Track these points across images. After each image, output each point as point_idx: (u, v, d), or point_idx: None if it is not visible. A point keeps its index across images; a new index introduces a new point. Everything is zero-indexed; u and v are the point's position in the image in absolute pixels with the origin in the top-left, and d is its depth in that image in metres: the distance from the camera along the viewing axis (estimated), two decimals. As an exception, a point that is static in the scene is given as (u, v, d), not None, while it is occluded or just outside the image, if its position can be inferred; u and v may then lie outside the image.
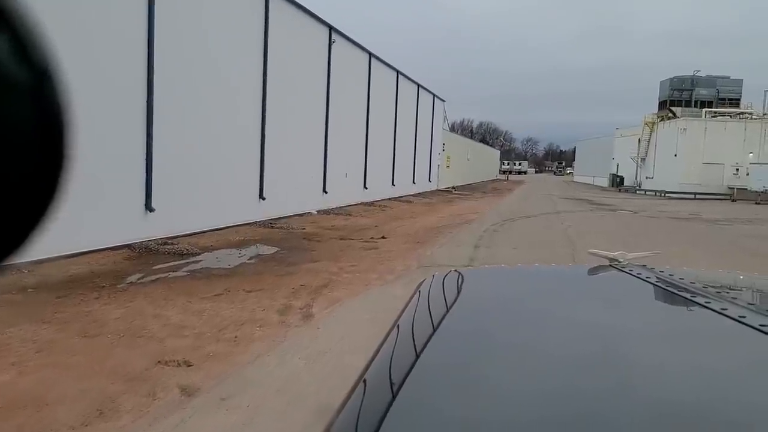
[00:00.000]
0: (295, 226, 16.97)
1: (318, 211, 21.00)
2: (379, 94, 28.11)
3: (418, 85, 36.67)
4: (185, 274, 9.93)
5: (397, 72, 31.48)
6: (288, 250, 12.83)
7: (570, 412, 0.88)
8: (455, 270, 1.90)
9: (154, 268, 10.31)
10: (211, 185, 14.57)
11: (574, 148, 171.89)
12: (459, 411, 0.88)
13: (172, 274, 9.83)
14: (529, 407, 0.89)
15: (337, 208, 22.56)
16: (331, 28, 21.74)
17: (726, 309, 1.31)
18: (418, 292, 1.65)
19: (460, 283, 1.78)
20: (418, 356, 1.10)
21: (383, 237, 15.39)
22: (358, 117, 25.81)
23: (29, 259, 8.71)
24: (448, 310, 1.47)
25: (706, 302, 1.38)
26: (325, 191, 21.98)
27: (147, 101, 11.94)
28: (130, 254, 11.34)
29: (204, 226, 14.20)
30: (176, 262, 10.85)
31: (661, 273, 1.73)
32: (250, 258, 11.80)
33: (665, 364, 1.08)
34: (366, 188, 26.92)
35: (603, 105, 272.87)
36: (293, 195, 19.15)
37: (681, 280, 1.62)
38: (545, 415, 0.86)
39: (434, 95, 41.57)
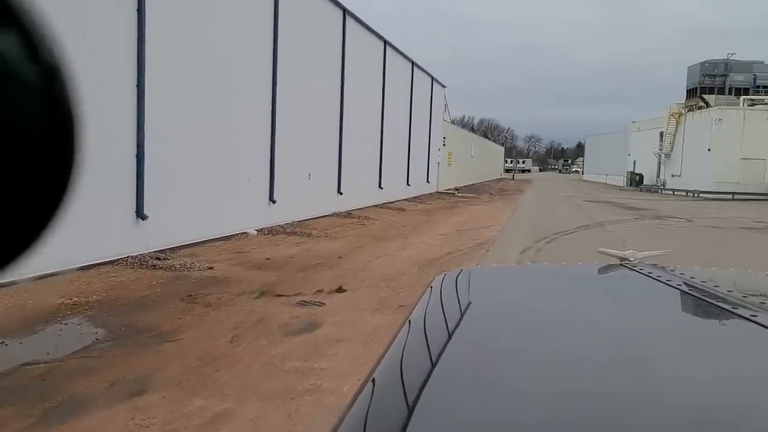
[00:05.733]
0: (199, 263, 10.01)
1: (259, 231, 14.03)
2: (359, 69, 21.11)
3: (413, 63, 29.54)
4: None
5: (385, 42, 24.40)
6: (114, 342, 5.90)
7: (584, 414, 0.86)
8: (465, 269, 1.91)
9: None
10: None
11: (577, 145, 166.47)
12: (470, 414, 0.85)
13: None
14: (543, 409, 0.87)
15: (294, 222, 15.61)
16: (280, -38, 14.74)
17: (737, 308, 1.29)
18: (429, 291, 1.59)
19: (470, 283, 1.76)
20: (428, 357, 1.07)
21: (340, 289, 8.45)
22: (328, 96, 18.82)
23: None
24: (458, 311, 1.45)
25: (717, 301, 1.38)
26: (272, 200, 14.99)
27: None
28: None
29: (-20, 278, 7.21)
30: None
31: (673, 272, 1.71)
32: (-13, 381, 4.84)
33: (679, 364, 1.06)
34: (340, 193, 19.91)
35: (607, 102, 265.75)
36: (210, 208, 12.18)
37: (692, 279, 1.61)
38: (560, 417, 0.84)
39: (432, 78, 34.41)
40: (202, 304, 7.46)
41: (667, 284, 1.56)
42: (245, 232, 13.56)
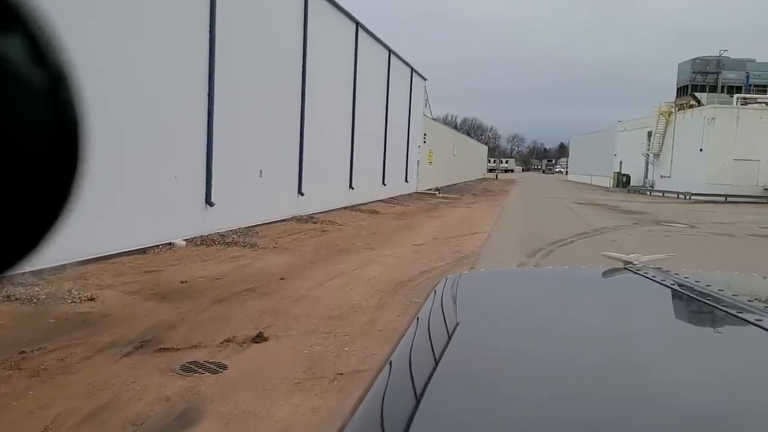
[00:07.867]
0: (80, 290, 7.30)
1: (190, 241, 11.31)
2: (326, 52, 18.43)
3: (390, 51, 26.86)
4: None
5: (357, 24, 21.69)
6: None
7: (591, 418, 0.84)
8: (470, 272, 1.97)
9: None
10: None
11: (560, 146, 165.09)
12: (476, 417, 0.84)
13: None
14: (549, 413, 0.86)
15: (239, 230, 12.92)
16: None
17: (742, 312, 1.27)
18: (434, 294, 1.57)
19: (475, 285, 1.76)
20: (434, 359, 1.05)
21: (259, 337, 5.80)
22: (286, 81, 16.10)
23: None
24: (464, 313, 1.44)
25: (722, 305, 1.35)
26: (209, 202, 12.25)
27: None
28: None
29: None
30: None
31: (676, 276, 1.68)
32: None
33: (685, 369, 1.05)
34: (301, 194, 17.21)
35: (593, 103, 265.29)
36: (117, 212, 9.44)
37: (696, 283, 1.58)
38: (566, 421, 0.83)
39: (412, 68, 31.77)
40: (27, 372, 4.76)
41: (671, 288, 1.53)
42: (170, 243, 10.85)
